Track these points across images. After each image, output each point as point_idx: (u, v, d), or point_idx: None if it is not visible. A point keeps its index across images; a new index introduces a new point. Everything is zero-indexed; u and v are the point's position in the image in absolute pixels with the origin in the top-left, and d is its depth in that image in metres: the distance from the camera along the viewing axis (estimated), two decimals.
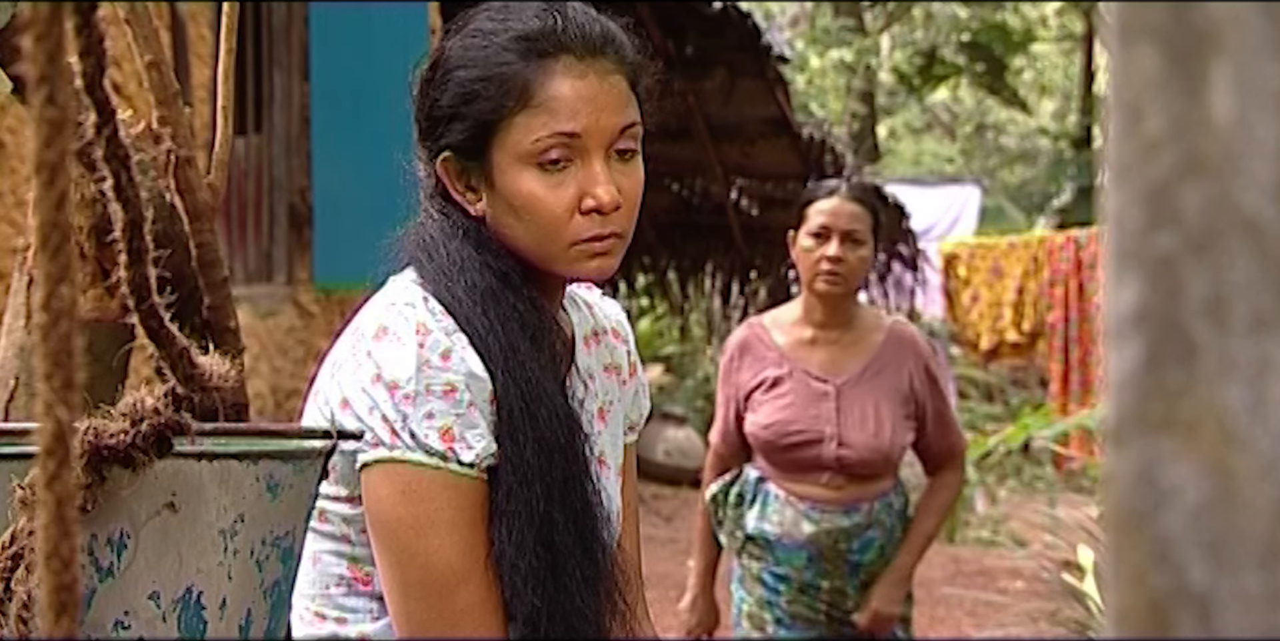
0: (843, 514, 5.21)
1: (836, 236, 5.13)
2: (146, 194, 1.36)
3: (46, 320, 0.90)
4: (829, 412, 5.21)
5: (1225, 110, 0.71)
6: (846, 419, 5.20)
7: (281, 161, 9.80)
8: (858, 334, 5.29)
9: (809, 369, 5.27)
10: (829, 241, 5.13)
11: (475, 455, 2.34)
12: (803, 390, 5.25)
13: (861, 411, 5.20)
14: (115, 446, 1.47)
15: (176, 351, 1.40)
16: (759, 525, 5.28)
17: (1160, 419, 0.73)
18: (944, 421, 5.35)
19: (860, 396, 5.22)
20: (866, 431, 5.18)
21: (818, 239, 5.15)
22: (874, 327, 5.33)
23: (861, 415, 5.20)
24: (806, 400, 5.24)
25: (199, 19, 8.48)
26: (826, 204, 5.19)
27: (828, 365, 5.27)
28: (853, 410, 5.21)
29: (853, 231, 5.14)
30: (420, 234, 2.49)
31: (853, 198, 5.21)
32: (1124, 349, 0.74)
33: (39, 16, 0.94)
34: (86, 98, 1.17)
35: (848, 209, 5.17)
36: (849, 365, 5.27)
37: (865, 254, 5.18)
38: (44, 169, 0.93)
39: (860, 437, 5.17)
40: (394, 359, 2.33)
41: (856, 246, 5.15)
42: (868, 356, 5.27)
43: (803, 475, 5.22)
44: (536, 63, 2.39)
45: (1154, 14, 0.72)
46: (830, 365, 5.27)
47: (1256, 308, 0.71)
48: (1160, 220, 0.72)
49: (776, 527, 5.25)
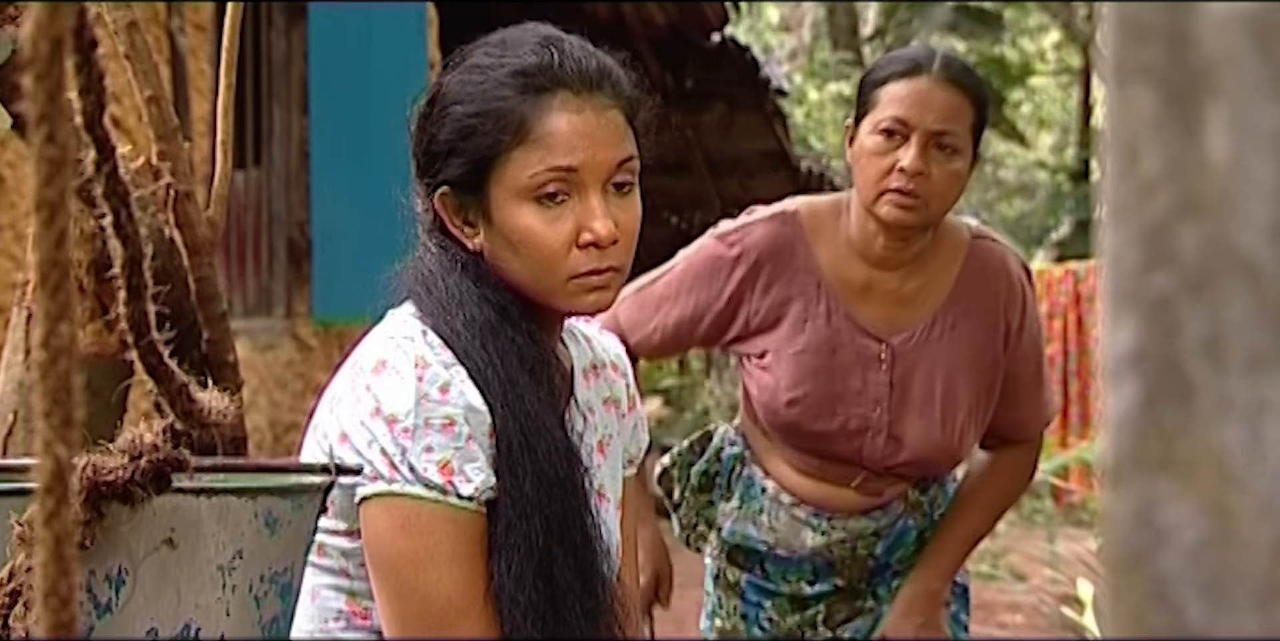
0: (863, 516, 3.68)
1: (919, 137, 3.40)
2: (146, 230, 1.36)
3: (46, 358, 0.90)
4: (879, 388, 3.56)
5: (1221, 151, 0.72)
6: (902, 399, 3.56)
7: (280, 195, 9.81)
8: (928, 271, 3.59)
9: (854, 315, 3.58)
10: (907, 144, 3.41)
11: (474, 488, 2.34)
12: (843, 344, 3.57)
13: (924, 386, 3.56)
14: (114, 482, 1.47)
15: (175, 387, 1.40)
16: (741, 528, 3.75)
17: (1158, 458, 0.73)
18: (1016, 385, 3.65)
19: (924, 363, 3.57)
20: (929, 417, 3.56)
21: (889, 137, 3.42)
22: (950, 253, 3.60)
23: (924, 392, 3.56)
24: (847, 361, 3.57)
25: (198, 53, 8.49)
26: (906, 85, 3.45)
27: (881, 318, 3.59)
28: (911, 385, 3.56)
29: (945, 133, 3.41)
30: (419, 268, 2.50)
31: (950, 80, 3.45)
32: (1121, 388, 0.74)
33: (39, 55, 0.94)
34: (87, 135, 1.17)
35: (940, 97, 3.43)
36: (910, 316, 3.59)
37: (959, 168, 3.44)
38: (44, 207, 0.93)
39: (919, 428, 3.56)
40: (393, 392, 2.33)
41: (949, 156, 3.42)
42: (938, 300, 3.59)
43: (827, 468, 3.64)
44: (533, 98, 2.40)
45: (1150, 55, 0.73)
46: (884, 319, 3.59)
47: (1253, 347, 0.71)
48: (1157, 260, 0.73)
49: (767, 535, 3.72)
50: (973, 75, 3.53)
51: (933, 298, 3.57)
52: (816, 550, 3.69)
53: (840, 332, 3.55)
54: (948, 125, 3.41)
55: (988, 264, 3.58)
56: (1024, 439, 3.72)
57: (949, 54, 3.58)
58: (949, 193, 3.44)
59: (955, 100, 3.43)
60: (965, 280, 3.57)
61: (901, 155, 3.39)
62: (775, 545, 3.71)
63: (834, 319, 3.56)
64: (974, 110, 3.47)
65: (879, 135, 3.42)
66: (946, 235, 3.59)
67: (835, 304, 3.56)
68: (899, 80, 3.45)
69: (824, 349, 3.55)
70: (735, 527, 3.75)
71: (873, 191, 3.43)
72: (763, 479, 3.71)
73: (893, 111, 3.42)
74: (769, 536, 3.71)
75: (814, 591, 3.74)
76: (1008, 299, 3.57)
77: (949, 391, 3.54)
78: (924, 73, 3.44)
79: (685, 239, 3.73)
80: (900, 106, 3.42)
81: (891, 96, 3.44)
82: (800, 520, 3.68)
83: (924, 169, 3.39)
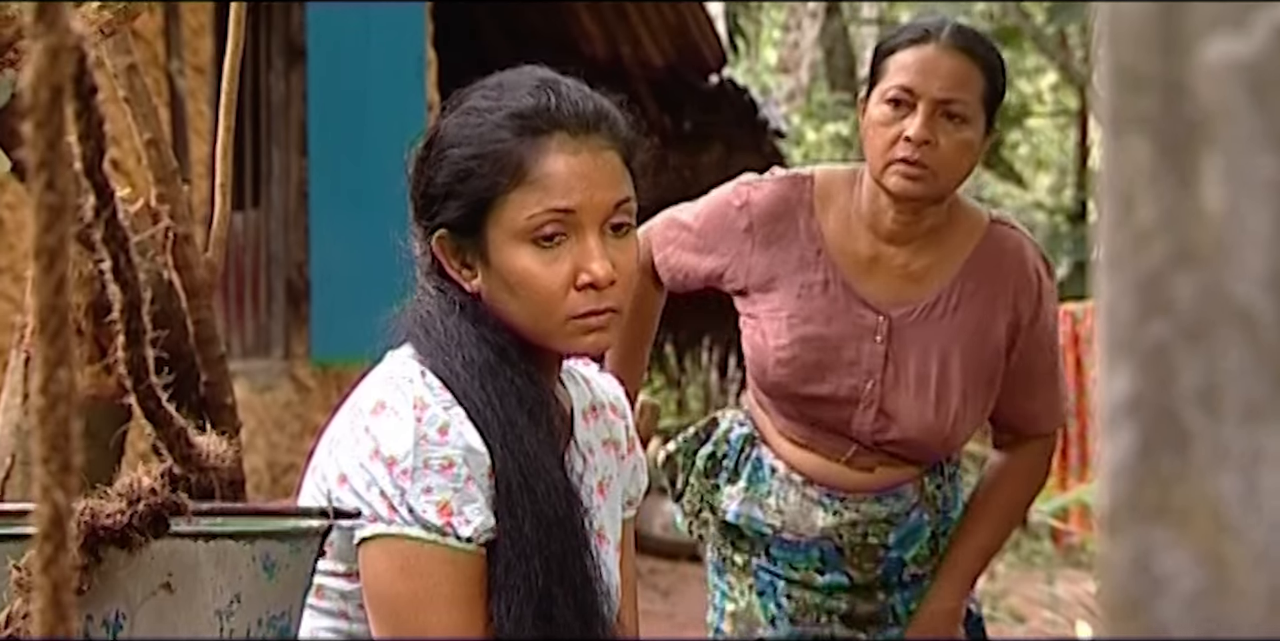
0: (875, 500, 3.55)
1: (925, 106, 3.34)
2: (144, 274, 1.37)
3: (44, 404, 0.90)
4: (872, 360, 3.47)
5: (1217, 201, 0.72)
6: (896, 374, 3.47)
7: (279, 236, 9.82)
8: (939, 249, 3.50)
9: (855, 286, 3.49)
10: (914, 113, 3.35)
11: (473, 529, 2.33)
12: (839, 314, 3.48)
13: (920, 364, 3.47)
14: (112, 527, 1.47)
15: (174, 432, 1.40)
16: (747, 510, 3.61)
17: (1154, 506, 0.73)
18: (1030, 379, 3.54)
19: (923, 340, 3.48)
20: (923, 397, 3.46)
21: (896, 107, 3.36)
22: (965, 233, 3.51)
23: (919, 371, 3.47)
24: (843, 332, 3.48)
25: (197, 95, 8.51)
26: (913, 53, 3.39)
27: (884, 291, 3.50)
28: (907, 361, 3.47)
29: (952, 101, 3.35)
30: (417, 310, 2.50)
31: (958, 47, 3.39)
32: (1118, 436, 0.74)
33: (39, 102, 0.94)
34: (86, 181, 1.18)
35: (948, 64, 3.37)
36: (914, 292, 3.50)
37: (969, 138, 3.37)
38: (43, 253, 0.94)
39: (912, 408, 3.46)
40: (392, 434, 2.33)
41: (958, 125, 3.36)
42: (946, 278, 3.49)
43: (817, 438, 3.54)
44: (530, 140, 2.40)
45: (1146, 105, 0.73)
46: (887, 292, 3.50)
47: (1249, 397, 0.71)
48: (1153, 309, 0.73)
49: (774, 517, 3.58)
50: (984, 43, 3.47)
51: (941, 276, 3.48)
52: (826, 532, 3.54)
53: (837, 301, 3.48)
54: (955, 93, 3.35)
55: (1003, 249, 3.49)
56: (1037, 433, 3.60)
57: (962, 24, 3.52)
58: (959, 163, 3.37)
59: (963, 67, 3.37)
60: (976, 262, 3.48)
61: (908, 124, 3.33)
62: (782, 528, 3.58)
63: (831, 288, 3.48)
64: (984, 78, 3.40)
65: (886, 105, 3.37)
66: (964, 215, 3.52)
67: (835, 274, 3.48)
68: (907, 48, 3.40)
69: (818, 317, 3.48)
70: (740, 510, 3.61)
71: (880, 162, 3.37)
72: (772, 459, 3.59)
73: (899, 80, 3.36)
74: (775, 519, 3.58)
75: (825, 581, 3.59)
76: (1020, 287, 3.47)
77: (944, 373, 3.45)
78: (932, 40, 3.38)
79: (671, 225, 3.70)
80: (906, 74, 3.36)
81: (899, 65, 3.39)
82: (813, 499, 3.55)
83: (931, 138, 3.33)
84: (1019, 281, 3.46)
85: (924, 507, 3.56)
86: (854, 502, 3.53)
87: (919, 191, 3.35)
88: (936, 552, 3.59)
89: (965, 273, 3.46)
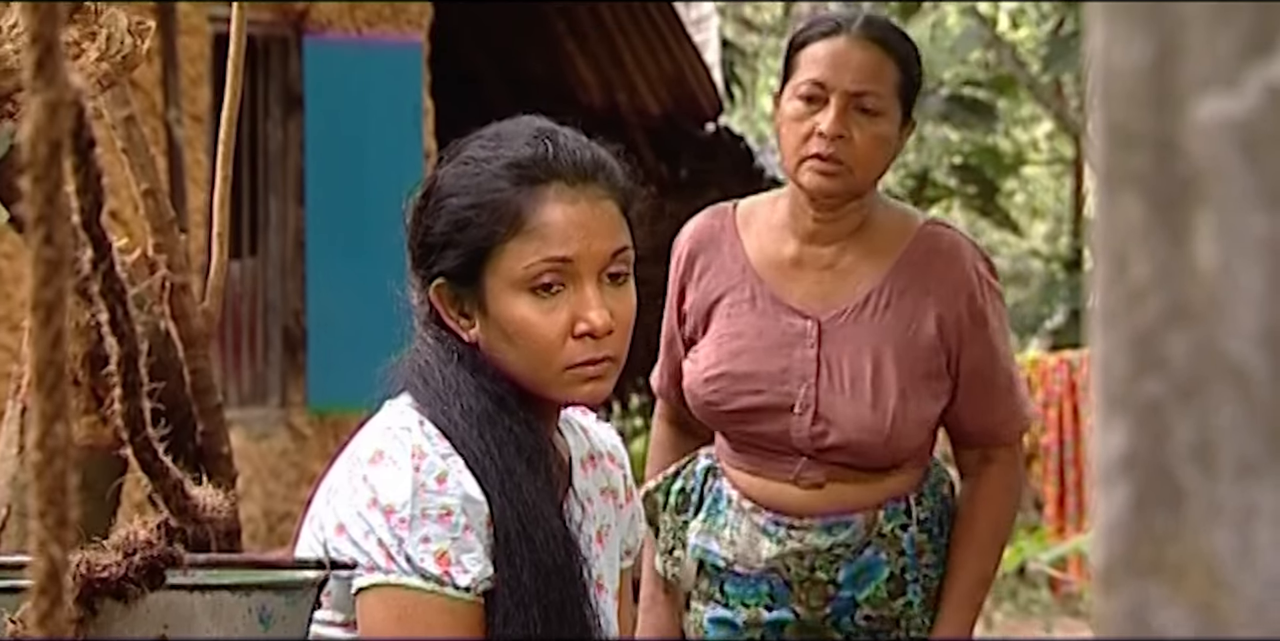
0: (822, 529, 3.38)
1: (838, 100, 3.27)
2: (141, 327, 1.37)
3: (41, 458, 0.91)
4: (804, 365, 3.36)
5: (1210, 258, 0.72)
6: (830, 376, 3.35)
7: (276, 284, 9.83)
8: (867, 248, 3.40)
9: (783, 295, 3.41)
10: (826, 107, 3.27)
11: (471, 579, 2.33)
12: (769, 326, 3.40)
13: (853, 365, 3.35)
14: (108, 579, 1.47)
15: (170, 484, 1.40)
16: (703, 542, 3.46)
17: (1149, 563, 0.73)
18: (987, 386, 3.41)
19: (854, 341, 3.36)
20: (859, 398, 3.33)
21: (809, 102, 3.29)
22: (895, 233, 3.41)
23: (853, 371, 3.35)
24: (772, 342, 3.38)
25: (195, 144, 8.53)
26: (824, 46, 3.33)
27: (813, 295, 3.41)
28: (840, 363, 3.35)
29: (865, 93, 3.29)
30: (415, 359, 2.50)
31: (869, 39, 3.33)
32: (1112, 493, 0.74)
33: (38, 157, 0.95)
34: (84, 234, 1.18)
35: (859, 56, 3.31)
36: (844, 294, 3.39)
37: (884, 131, 3.32)
38: (41, 307, 0.94)
39: (848, 407, 3.33)
40: (390, 483, 2.33)
41: (872, 118, 3.30)
42: (876, 277, 3.38)
43: (764, 462, 3.41)
44: (528, 189, 2.41)
45: (1138, 163, 0.74)
46: (816, 296, 3.41)
47: (1243, 454, 0.71)
48: (1147, 366, 0.73)
49: (728, 549, 3.43)
50: (897, 33, 3.44)
51: (871, 275, 3.38)
52: (772, 564, 3.38)
53: (766, 314, 3.40)
54: (868, 86, 3.29)
55: (935, 247, 3.39)
56: (1002, 443, 3.48)
57: (874, 15, 3.49)
58: (874, 157, 3.31)
59: (875, 59, 3.31)
60: (907, 260, 3.37)
61: (821, 119, 3.26)
62: (734, 561, 3.41)
63: (759, 302, 3.41)
64: (898, 69, 3.34)
65: (799, 100, 3.31)
66: (893, 216, 3.46)
67: (761, 287, 3.41)
68: (818, 41, 3.34)
69: (749, 332, 3.40)
70: (697, 541, 3.46)
71: (794, 159, 3.30)
72: (729, 489, 3.45)
73: (810, 74, 3.30)
74: (728, 551, 3.42)
75: (772, 617, 3.41)
76: (957, 286, 3.36)
77: (878, 371, 3.33)
78: (843, 32, 3.32)
79: None
80: (818, 68, 3.30)
81: (810, 58, 3.32)
82: (759, 528, 3.39)
83: (845, 132, 3.25)
84: (954, 278, 3.36)
85: (881, 547, 3.39)
86: (800, 531, 3.37)
87: (835, 187, 3.28)
88: (897, 598, 3.41)
89: (895, 271, 3.37)
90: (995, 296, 3.43)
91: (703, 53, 12.92)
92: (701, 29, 13.76)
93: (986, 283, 3.41)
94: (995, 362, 3.41)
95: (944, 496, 3.47)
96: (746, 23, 23.05)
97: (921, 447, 3.42)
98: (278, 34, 9.60)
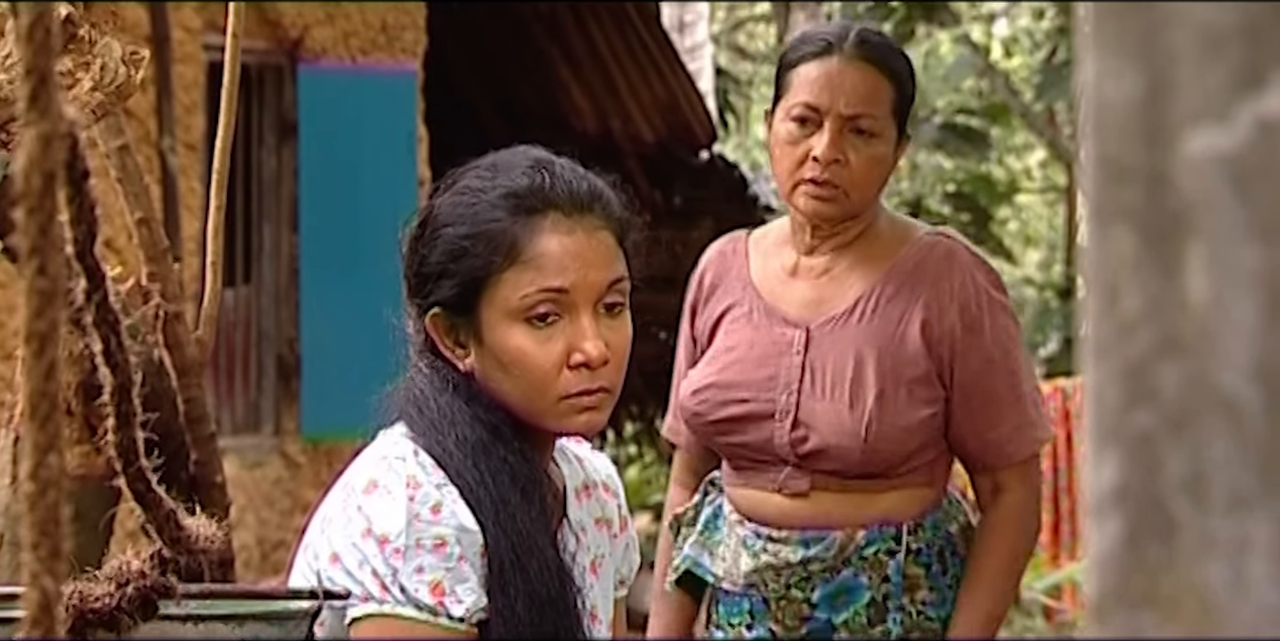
0: (799, 542, 3.29)
1: (832, 123, 3.22)
2: (135, 357, 1.37)
3: (34, 489, 0.91)
4: (790, 372, 3.31)
5: (1201, 291, 0.72)
6: (812, 381, 3.28)
7: (270, 312, 9.82)
8: (862, 255, 3.35)
9: (778, 306, 3.37)
10: (820, 131, 3.23)
11: (465, 609, 2.33)
12: (760, 338, 3.36)
13: (836, 369, 3.27)
14: (100, 610, 1.46)
15: (163, 514, 1.40)
16: (695, 554, 3.43)
17: (1142, 594, 0.73)
18: (987, 398, 3.29)
19: (839, 346, 3.29)
20: (839, 400, 3.25)
21: (802, 125, 3.25)
22: (892, 242, 3.35)
23: (835, 375, 3.27)
24: (762, 353, 3.34)
25: (189, 172, 8.53)
26: (817, 67, 3.27)
27: (806, 303, 3.36)
28: (824, 368, 3.28)
29: (860, 116, 3.24)
30: (410, 388, 2.50)
31: (862, 58, 3.27)
32: (1105, 525, 0.74)
33: (32, 189, 0.95)
34: (78, 264, 1.18)
35: (853, 78, 3.25)
36: (835, 300, 3.34)
37: (880, 152, 3.27)
38: (34, 339, 0.94)
39: (828, 411, 3.25)
40: (384, 512, 2.33)
41: (867, 140, 3.25)
42: (867, 284, 3.32)
43: (753, 474, 3.34)
44: (525, 219, 2.41)
45: (1130, 196, 0.74)
46: (809, 304, 3.36)
47: (1235, 486, 0.72)
48: (1139, 398, 0.73)
49: (717, 565, 3.39)
50: (890, 51, 3.36)
51: (862, 280, 3.31)
52: (750, 579, 3.30)
53: (759, 328, 3.35)
54: (862, 108, 3.23)
55: (930, 254, 3.30)
56: (1010, 463, 3.32)
57: (867, 31, 3.38)
58: (870, 179, 3.27)
59: (870, 80, 3.25)
60: (899, 266, 3.30)
61: (815, 143, 3.21)
62: (723, 577, 3.35)
63: (755, 315, 3.37)
64: (893, 88, 3.28)
65: (792, 122, 3.25)
66: (895, 226, 3.40)
67: (758, 301, 3.37)
68: (810, 62, 3.27)
69: (741, 344, 3.36)
70: (690, 553, 3.42)
71: (788, 182, 3.26)
72: (727, 504, 3.39)
73: (803, 97, 3.24)
74: (718, 567, 3.36)
75: (751, 637, 3.33)
76: (950, 293, 3.26)
77: (859, 374, 3.24)
78: (835, 53, 3.26)
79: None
80: (810, 91, 3.24)
81: (802, 80, 3.26)
82: (741, 541, 3.33)
83: (840, 156, 3.20)
84: (947, 285, 3.27)
85: (862, 569, 3.28)
86: (776, 544, 3.28)
87: (831, 212, 3.25)
88: (877, 626, 3.29)
89: (887, 278, 3.30)
90: (997, 308, 3.32)
91: (697, 81, 12.95)
92: (695, 57, 13.79)
93: (985, 293, 3.31)
94: (994, 374, 3.29)
95: (949, 533, 3.34)
96: (740, 51, 23.10)
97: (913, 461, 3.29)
98: (272, 62, 9.61)
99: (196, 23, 8.81)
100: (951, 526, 3.35)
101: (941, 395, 3.28)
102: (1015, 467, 3.34)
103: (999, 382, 3.29)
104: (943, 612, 3.33)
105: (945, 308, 3.26)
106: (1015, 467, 3.34)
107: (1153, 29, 0.74)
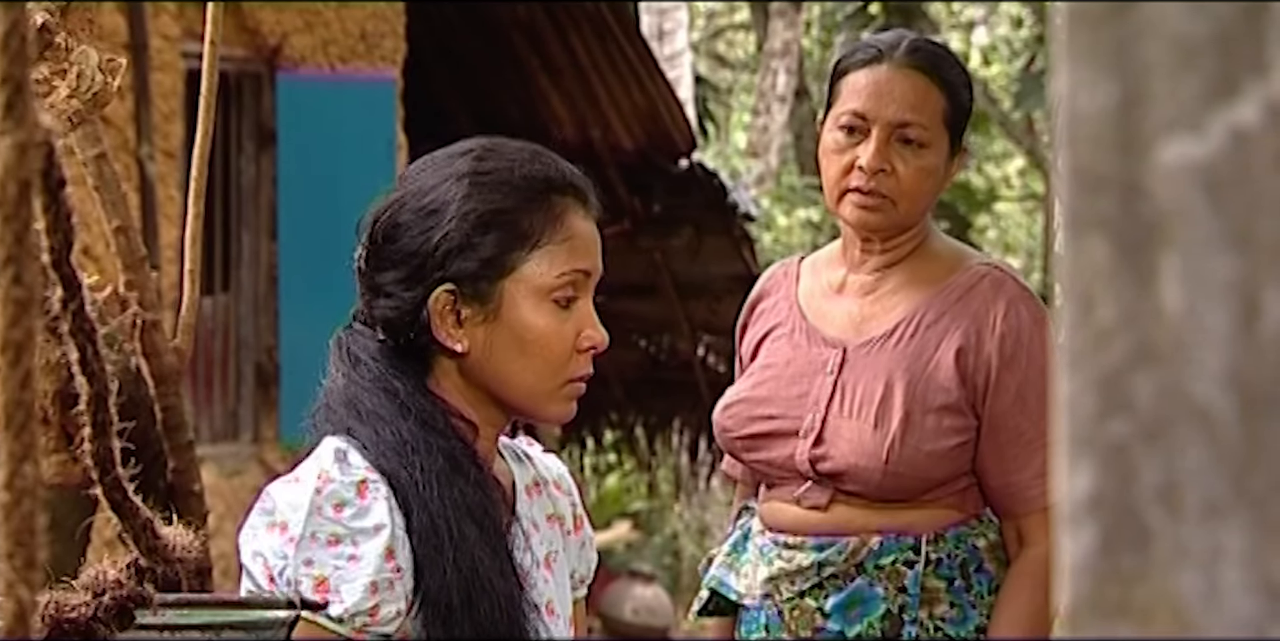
0: (813, 548, 3.23)
1: (879, 131, 3.16)
2: (112, 366, 1.37)
3: (9, 499, 0.90)
4: (820, 391, 3.26)
5: (1175, 300, 0.73)
6: (841, 401, 3.23)
7: (249, 320, 9.82)
8: (908, 278, 3.28)
9: (819, 326, 3.32)
10: (868, 139, 3.17)
11: (344, 609, 2.30)
12: (798, 356, 3.31)
13: (866, 391, 3.21)
14: (76, 620, 1.46)
15: (140, 523, 1.40)
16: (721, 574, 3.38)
17: (1115, 604, 0.73)
18: (1014, 437, 3.19)
19: (873, 368, 3.23)
20: (864, 422, 3.20)
21: (849, 133, 3.19)
22: (941, 267, 3.28)
23: (864, 397, 3.21)
24: (797, 372, 3.29)
25: (168, 180, 8.52)
26: (866, 75, 3.22)
27: (848, 321, 3.30)
28: (855, 389, 3.23)
29: (909, 125, 3.18)
30: (356, 404, 2.52)
31: (912, 66, 3.21)
32: (1079, 534, 0.74)
33: (7, 197, 0.95)
34: (54, 273, 1.18)
35: (902, 86, 3.19)
36: (876, 322, 3.28)
37: (929, 163, 3.20)
38: (9, 348, 0.94)
39: (852, 430, 3.20)
40: (289, 501, 2.33)
41: (916, 151, 3.19)
42: (910, 307, 3.25)
43: (776, 489, 3.30)
44: (560, 200, 2.42)
45: (1104, 206, 0.74)
46: (850, 323, 3.30)
47: (1208, 495, 0.72)
48: (1113, 408, 0.73)
49: (741, 584, 3.34)
50: (944, 60, 3.29)
51: (905, 303, 3.24)
52: (766, 588, 3.23)
53: (799, 346, 3.30)
54: (911, 116, 3.17)
55: (976, 285, 3.22)
56: (1031, 510, 3.16)
57: (920, 39, 3.34)
58: (920, 190, 3.19)
59: (920, 88, 3.19)
60: (944, 294, 3.22)
61: (861, 152, 3.15)
62: (744, 593, 3.28)
63: (796, 334, 3.32)
64: (945, 97, 3.22)
65: (839, 131, 3.19)
66: (947, 250, 3.33)
67: (801, 322, 3.31)
68: (859, 70, 3.22)
69: (779, 362, 3.31)
70: (716, 573, 3.35)
71: (835, 192, 3.20)
72: (756, 522, 3.33)
73: (851, 105, 3.18)
74: (741, 585, 3.29)
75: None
76: (994, 325, 3.17)
77: (887, 396, 3.17)
78: (885, 60, 3.20)
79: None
80: (858, 98, 3.18)
81: (851, 88, 3.21)
82: (759, 549, 3.28)
83: (886, 165, 3.14)
84: (991, 314, 3.19)
85: (877, 579, 3.19)
86: (791, 551, 3.22)
87: (877, 222, 3.19)
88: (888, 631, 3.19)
89: (930, 303, 3.22)
90: (1038, 346, 3.19)
91: (676, 89, 12.97)
92: (675, 65, 13.82)
93: (1028, 329, 3.20)
94: (1024, 413, 3.17)
95: (975, 547, 3.23)
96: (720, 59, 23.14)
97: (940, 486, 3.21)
98: (251, 70, 9.61)
99: (175, 30, 8.79)
100: (979, 541, 3.25)
101: (973, 425, 3.20)
102: (1039, 517, 3.18)
103: (1027, 423, 3.18)
104: (963, 630, 3.22)
105: (984, 338, 3.18)
106: (1039, 517, 3.18)
107: (1126, 39, 0.74)
